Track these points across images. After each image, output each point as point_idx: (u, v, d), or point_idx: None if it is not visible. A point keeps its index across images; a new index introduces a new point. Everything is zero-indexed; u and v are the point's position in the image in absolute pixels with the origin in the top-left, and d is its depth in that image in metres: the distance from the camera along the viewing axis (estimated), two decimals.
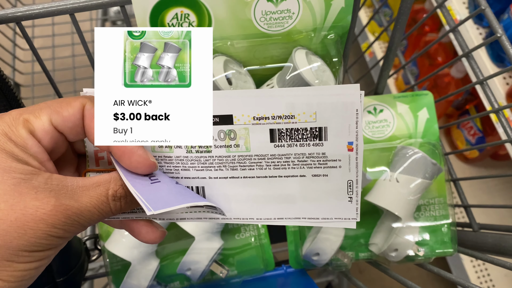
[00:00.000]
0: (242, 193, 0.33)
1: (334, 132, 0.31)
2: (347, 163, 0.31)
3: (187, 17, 0.38)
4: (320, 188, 0.32)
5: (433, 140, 0.52)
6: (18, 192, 0.25)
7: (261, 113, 0.31)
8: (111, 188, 0.28)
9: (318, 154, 0.31)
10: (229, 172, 0.33)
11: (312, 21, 0.40)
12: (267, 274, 0.54)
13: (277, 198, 0.33)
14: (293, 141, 0.31)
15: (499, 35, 0.44)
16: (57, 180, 0.26)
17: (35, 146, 0.27)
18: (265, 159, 0.32)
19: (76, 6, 0.36)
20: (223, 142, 0.32)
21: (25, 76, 0.93)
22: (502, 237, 0.50)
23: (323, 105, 0.30)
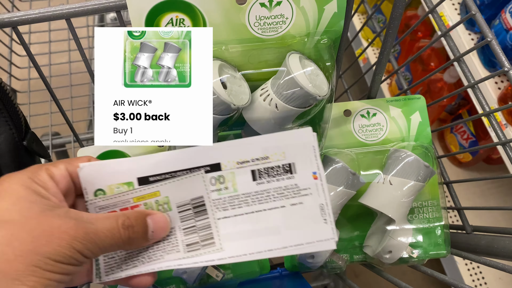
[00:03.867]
0: (233, 231, 0.36)
1: (301, 166, 0.37)
2: (316, 190, 0.37)
3: (182, 22, 0.39)
4: (299, 215, 0.37)
5: (426, 143, 0.53)
6: (44, 215, 0.29)
7: (242, 158, 0.36)
8: (120, 218, 0.32)
9: (292, 186, 0.37)
10: (222, 213, 0.36)
11: (306, 26, 0.41)
12: (263, 277, 0.54)
13: (264, 230, 0.36)
14: (271, 177, 0.37)
15: (489, 39, 0.45)
16: (75, 212, 0.31)
17: (54, 187, 0.32)
18: (250, 196, 0.37)
19: (72, 11, 0.37)
20: (214, 187, 0.36)
21: (21, 82, 0.93)
22: (494, 239, 0.50)
23: (289, 146, 0.36)
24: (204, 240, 0.36)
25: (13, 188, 0.30)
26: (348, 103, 0.54)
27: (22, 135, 0.39)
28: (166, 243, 0.36)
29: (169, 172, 0.35)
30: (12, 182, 0.30)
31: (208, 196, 0.36)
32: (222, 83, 0.40)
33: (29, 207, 0.29)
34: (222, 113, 0.41)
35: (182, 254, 0.36)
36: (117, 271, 0.35)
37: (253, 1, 0.38)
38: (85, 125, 1.04)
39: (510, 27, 0.83)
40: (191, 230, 0.36)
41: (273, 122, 0.43)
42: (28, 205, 0.29)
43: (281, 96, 0.41)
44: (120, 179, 0.35)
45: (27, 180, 0.31)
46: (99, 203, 0.35)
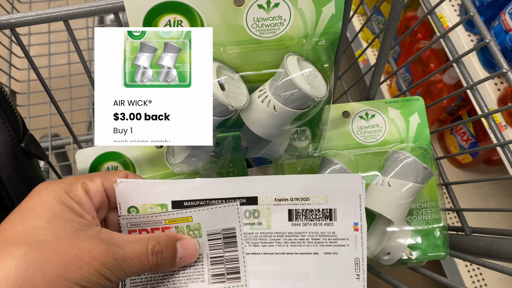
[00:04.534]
0: (261, 270, 0.35)
1: (342, 214, 0.35)
2: (354, 242, 0.35)
3: (180, 23, 0.39)
4: (331, 265, 0.35)
5: (425, 144, 0.52)
6: (76, 236, 0.30)
7: (281, 195, 0.35)
8: (150, 243, 0.33)
9: (329, 233, 0.35)
10: (251, 248, 0.35)
11: (304, 27, 0.41)
12: None
13: (293, 275, 0.35)
14: (308, 220, 0.35)
15: (487, 40, 0.45)
16: (106, 233, 0.32)
17: (88, 203, 0.33)
18: (283, 236, 0.35)
19: (70, 13, 0.37)
20: (248, 220, 0.35)
21: (21, 83, 0.93)
22: (493, 241, 0.50)
23: (333, 190, 0.35)
24: (230, 273, 0.35)
25: (49, 204, 0.31)
26: (346, 105, 0.54)
27: (19, 136, 0.39)
28: (192, 269, 0.35)
29: (204, 199, 0.35)
30: (49, 197, 0.31)
31: (240, 229, 0.35)
32: (220, 85, 0.40)
33: (63, 227, 0.30)
34: (220, 115, 0.41)
35: (206, 284, 0.35)
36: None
37: (250, 3, 0.38)
38: (84, 127, 1.04)
39: (509, 28, 0.83)
40: (219, 260, 0.35)
41: (271, 123, 0.43)
42: (62, 224, 0.30)
43: (279, 98, 0.41)
44: (155, 200, 0.35)
45: (63, 195, 0.31)
46: (131, 220, 0.35)
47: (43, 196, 0.31)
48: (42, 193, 0.31)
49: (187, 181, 0.35)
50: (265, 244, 0.35)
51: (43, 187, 0.32)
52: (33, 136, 0.41)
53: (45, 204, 0.31)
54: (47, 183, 0.32)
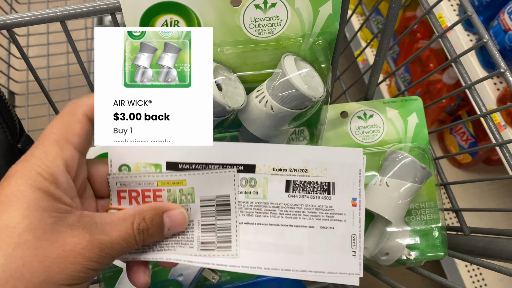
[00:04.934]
0: (254, 240, 0.34)
1: (341, 188, 0.34)
2: (351, 217, 0.35)
3: (177, 24, 0.39)
4: (327, 240, 0.34)
5: (423, 144, 0.52)
6: (57, 230, 0.27)
7: (280, 165, 0.34)
8: (135, 221, 0.31)
9: (326, 207, 0.34)
10: (245, 218, 0.34)
11: (301, 27, 0.41)
12: (260, 279, 0.54)
13: (286, 247, 0.34)
14: (306, 192, 0.34)
15: (485, 40, 0.45)
16: (88, 217, 0.29)
17: (65, 181, 0.29)
18: (279, 208, 0.35)
19: (66, 14, 0.37)
20: (244, 189, 0.34)
21: (20, 84, 0.93)
22: (492, 241, 0.50)
23: (333, 163, 0.34)
24: (221, 242, 0.34)
25: (21, 192, 0.27)
26: (345, 105, 0.54)
27: (16, 137, 0.39)
28: (181, 235, 0.34)
29: (200, 163, 0.34)
30: (20, 183, 0.28)
31: (235, 197, 0.34)
32: (217, 85, 0.40)
33: (40, 219, 0.27)
34: (217, 115, 0.41)
35: (195, 251, 0.34)
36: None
37: (247, 3, 0.38)
38: None
39: (508, 28, 0.82)
40: (210, 228, 0.34)
41: (268, 124, 0.43)
42: (39, 216, 0.27)
43: (276, 98, 0.41)
44: (149, 159, 0.34)
45: (36, 178, 0.28)
46: (121, 179, 0.34)
47: (13, 183, 0.28)
48: (12, 179, 0.28)
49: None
50: (260, 214, 0.35)
51: (13, 171, 0.29)
52: (30, 137, 0.41)
53: (18, 192, 0.27)
54: (18, 165, 0.29)
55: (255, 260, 0.34)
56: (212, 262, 0.34)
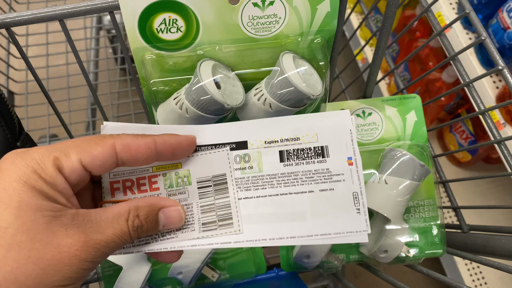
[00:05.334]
0: (255, 213, 0.34)
1: (334, 150, 0.35)
2: (350, 176, 0.35)
3: (175, 22, 0.39)
4: (328, 202, 0.34)
5: (422, 142, 0.52)
6: (51, 230, 0.26)
7: (271, 138, 0.35)
8: (130, 218, 0.30)
9: (323, 170, 0.35)
10: (243, 193, 0.34)
11: (299, 25, 0.41)
12: (259, 277, 0.54)
13: (289, 215, 0.34)
14: (300, 159, 0.35)
15: (483, 38, 0.45)
16: (83, 216, 0.28)
17: (63, 183, 0.28)
18: (276, 178, 0.35)
19: (65, 12, 0.37)
20: (238, 165, 0.35)
21: (19, 84, 0.93)
22: (491, 238, 0.50)
23: (323, 128, 0.35)
24: (222, 220, 0.34)
25: (14, 188, 0.26)
26: (343, 103, 0.54)
27: (15, 136, 0.39)
28: None
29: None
30: (13, 178, 0.26)
31: (231, 175, 0.34)
32: (216, 83, 0.40)
33: (34, 219, 0.26)
34: (216, 113, 0.41)
35: (197, 233, 0.33)
36: (128, 246, 0.33)
37: (245, 1, 0.39)
38: (83, 127, 1.04)
39: (507, 26, 0.83)
40: (209, 208, 0.34)
41: None
42: (32, 215, 0.26)
43: (275, 96, 0.41)
44: None
45: (31, 176, 0.27)
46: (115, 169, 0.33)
47: (7, 177, 0.26)
48: (5, 173, 0.27)
49: (176, 127, 0.34)
50: (258, 187, 0.35)
51: (7, 164, 0.27)
52: (29, 136, 0.41)
53: (10, 188, 0.26)
54: (12, 157, 0.27)
55: (259, 233, 0.34)
56: (216, 242, 0.34)
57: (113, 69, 1.06)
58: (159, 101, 0.43)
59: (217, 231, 0.34)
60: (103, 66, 1.09)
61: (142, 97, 0.47)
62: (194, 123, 0.41)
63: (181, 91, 0.41)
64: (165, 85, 0.42)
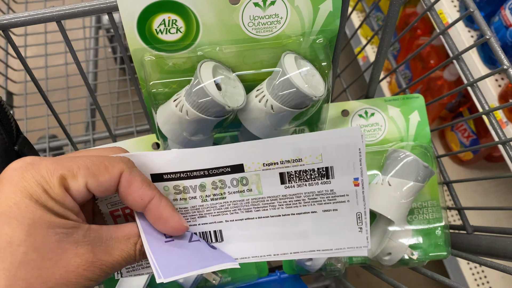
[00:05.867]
0: (258, 232, 0.34)
1: (340, 171, 0.33)
2: (355, 197, 0.34)
3: (175, 23, 0.38)
4: (331, 221, 0.34)
5: (425, 143, 0.52)
6: (62, 248, 0.27)
7: (270, 160, 0.33)
8: (138, 243, 0.30)
9: (327, 191, 0.34)
10: (244, 214, 0.34)
11: (301, 25, 0.40)
12: (261, 280, 0.53)
13: (292, 234, 0.34)
14: (302, 181, 0.34)
15: (488, 37, 0.45)
16: (94, 232, 0.29)
17: (71, 202, 0.28)
18: (277, 200, 0.34)
19: (62, 14, 0.36)
20: (236, 188, 0.34)
21: (18, 85, 0.93)
22: (495, 239, 0.50)
23: (328, 148, 0.33)
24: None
25: (26, 205, 0.26)
26: (346, 103, 0.53)
27: (13, 139, 0.38)
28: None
29: (185, 171, 0.33)
30: (24, 194, 0.26)
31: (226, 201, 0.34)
32: (217, 85, 0.39)
33: (46, 237, 0.26)
34: (216, 115, 0.40)
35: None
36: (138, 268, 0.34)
37: (246, 1, 0.38)
38: (82, 127, 1.03)
39: (509, 24, 0.82)
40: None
41: (269, 123, 0.42)
42: (44, 233, 0.26)
43: (276, 97, 0.40)
44: None
45: (41, 195, 0.27)
46: (111, 200, 0.33)
47: (18, 193, 0.26)
48: (17, 188, 0.27)
49: (166, 153, 0.33)
50: (259, 209, 0.34)
51: (17, 178, 0.27)
52: (27, 139, 0.41)
53: (22, 205, 0.26)
54: (22, 170, 0.27)
55: (264, 249, 0.34)
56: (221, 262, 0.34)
57: (113, 68, 1.05)
58: (159, 102, 0.42)
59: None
60: (102, 65, 1.09)
61: (141, 98, 0.46)
62: (195, 125, 0.41)
63: (181, 92, 0.41)
64: (165, 86, 0.41)
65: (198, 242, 0.34)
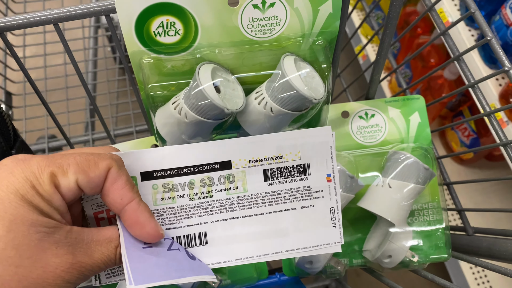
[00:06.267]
0: (241, 233, 0.36)
1: (315, 167, 0.36)
2: (328, 193, 0.36)
3: (173, 25, 0.38)
4: (309, 218, 0.36)
5: (425, 144, 0.52)
6: (41, 248, 0.26)
7: (255, 156, 0.35)
8: (119, 246, 0.30)
9: (304, 188, 0.36)
10: (229, 214, 0.35)
11: (300, 27, 0.40)
12: (261, 282, 0.53)
13: (273, 233, 0.36)
14: (283, 178, 0.36)
15: (489, 38, 0.44)
16: (76, 233, 0.28)
17: (59, 200, 0.28)
18: (260, 197, 0.36)
19: (59, 16, 0.36)
20: (223, 186, 0.35)
21: (17, 84, 0.92)
22: (496, 241, 0.50)
23: (305, 145, 0.35)
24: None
25: (10, 201, 0.26)
26: (346, 104, 0.53)
27: (10, 143, 0.38)
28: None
29: (175, 168, 0.34)
30: (11, 190, 0.26)
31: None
32: (216, 87, 0.39)
33: (26, 235, 0.26)
34: (215, 118, 0.40)
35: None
36: (118, 273, 0.34)
37: (245, 3, 0.37)
38: (82, 127, 1.03)
39: (510, 23, 0.81)
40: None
41: (268, 125, 0.42)
42: (25, 230, 0.26)
43: (276, 100, 0.40)
44: None
45: (28, 191, 0.26)
46: (96, 200, 0.33)
47: (4, 188, 0.26)
48: (3, 183, 0.26)
49: (155, 150, 0.34)
50: (243, 207, 0.35)
51: (6, 173, 0.27)
52: (25, 143, 0.41)
53: (6, 200, 0.26)
54: (11, 166, 0.27)
55: (246, 251, 0.35)
56: (206, 262, 0.35)
57: (112, 68, 1.05)
58: (158, 105, 0.42)
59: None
60: (101, 65, 1.08)
61: (139, 100, 0.46)
62: (194, 128, 0.41)
63: (180, 95, 0.40)
64: (164, 89, 0.41)
65: (177, 251, 0.33)
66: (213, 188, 0.35)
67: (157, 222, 0.32)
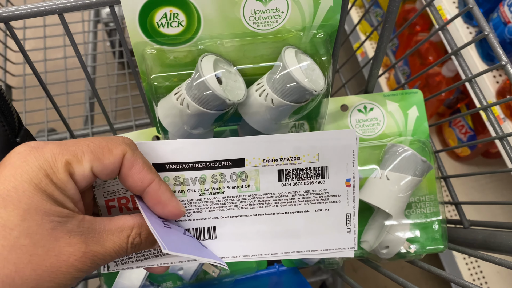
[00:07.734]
0: (251, 231, 0.35)
1: (334, 171, 0.35)
2: (346, 198, 0.35)
3: (176, 16, 0.38)
4: (322, 222, 0.35)
5: (423, 137, 0.52)
6: (55, 237, 0.26)
7: (270, 156, 0.34)
8: (131, 235, 0.30)
9: (321, 191, 0.35)
10: (240, 211, 0.35)
11: (301, 20, 0.41)
12: (260, 272, 0.54)
13: (284, 233, 0.35)
14: (299, 179, 0.34)
15: (486, 33, 0.45)
16: (88, 223, 0.28)
17: (73, 189, 0.28)
18: (273, 197, 0.35)
19: (64, 6, 0.36)
20: (235, 183, 0.34)
21: (17, 78, 0.93)
22: (491, 233, 0.50)
23: (325, 148, 0.34)
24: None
25: (25, 190, 0.26)
26: (345, 98, 0.54)
27: (15, 132, 0.38)
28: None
29: (187, 162, 0.34)
30: (25, 178, 0.26)
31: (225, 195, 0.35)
32: (218, 78, 0.40)
33: (40, 223, 0.26)
34: (217, 109, 0.40)
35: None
36: (127, 262, 0.34)
37: None
38: (81, 121, 1.03)
39: (508, 21, 0.82)
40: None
41: (269, 117, 0.43)
42: (39, 219, 0.26)
43: (277, 91, 0.41)
44: None
45: (43, 180, 0.26)
46: (107, 188, 0.34)
47: (18, 176, 0.26)
48: (17, 171, 0.26)
49: (169, 142, 0.33)
50: (255, 206, 0.35)
51: (20, 161, 0.27)
52: (29, 131, 0.41)
53: (20, 189, 0.26)
54: (25, 154, 0.27)
55: (255, 248, 0.35)
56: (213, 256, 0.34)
57: (111, 62, 1.05)
58: (160, 96, 0.42)
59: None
60: (101, 59, 1.08)
61: (142, 91, 0.47)
62: (195, 118, 0.41)
63: (182, 86, 0.41)
64: (166, 80, 0.41)
65: (191, 237, 0.34)
66: (224, 185, 0.34)
67: (178, 200, 0.33)
